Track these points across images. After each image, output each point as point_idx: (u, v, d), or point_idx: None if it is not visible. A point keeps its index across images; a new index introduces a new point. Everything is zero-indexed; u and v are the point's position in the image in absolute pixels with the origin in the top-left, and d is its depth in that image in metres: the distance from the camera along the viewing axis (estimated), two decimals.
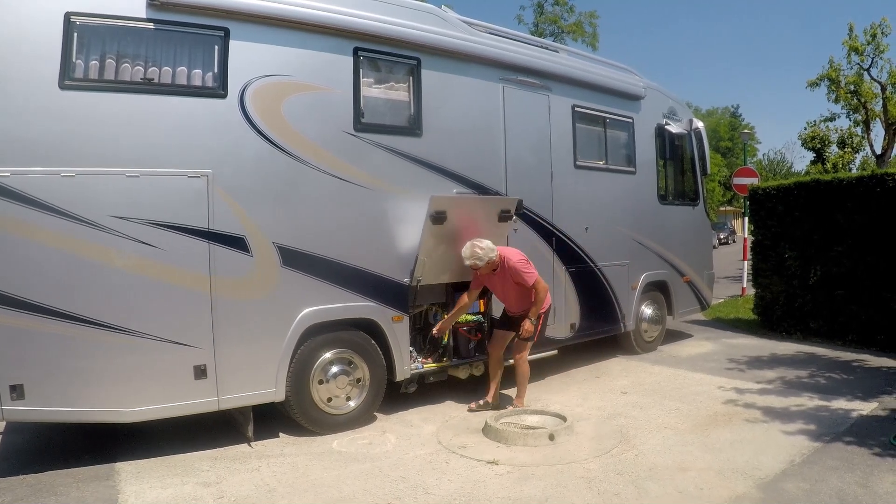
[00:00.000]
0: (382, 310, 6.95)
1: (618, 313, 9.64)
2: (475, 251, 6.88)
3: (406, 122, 7.23)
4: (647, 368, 9.33)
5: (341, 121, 6.66)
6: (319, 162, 6.49)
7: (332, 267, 6.57)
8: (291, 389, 6.37)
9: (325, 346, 6.62)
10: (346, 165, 6.67)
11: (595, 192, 9.21)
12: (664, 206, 10.51)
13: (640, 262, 10.01)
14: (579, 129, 8.97)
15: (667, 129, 10.47)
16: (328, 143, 6.56)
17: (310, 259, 6.42)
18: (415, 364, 7.33)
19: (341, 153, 6.64)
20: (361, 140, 6.78)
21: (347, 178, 6.68)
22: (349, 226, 6.70)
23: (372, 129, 6.87)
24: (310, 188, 6.44)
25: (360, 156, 6.77)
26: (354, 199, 6.74)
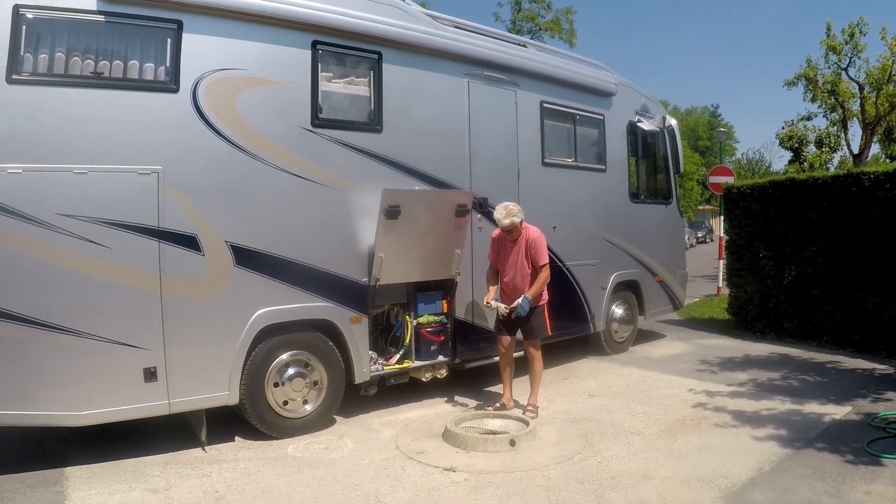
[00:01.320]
0: (340, 310, 6.75)
1: (587, 313, 9.47)
2: (510, 208, 6.85)
3: (366, 118, 7.03)
4: (617, 370, 9.16)
5: (298, 116, 6.48)
6: (275, 158, 6.30)
7: (288, 266, 6.38)
8: (246, 392, 6.19)
9: (280, 348, 6.43)
10: (303, 162, 6.49)
11: (564, 190, 9.03)
12: (636, 204, 10.35)
13: (610, 261, 9.84)
14: (548, 126, 8.78)
15: (639, 126, 10.30)
16: (284, 140, 6.38)
17: (264, 258, 6.23)
18: (375, 366, 7.12)
19: (298, 149, 6.46)
20: (319, 136, 6.60)
21: (304, 175, 6.50)
22: (306, 224, 6.53)
23: (330, 125, 6.70)
24: (265, 186, 6.26)
25: (318, 152, 6.60)
26: (311, 196, 6.56)
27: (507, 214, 6.82)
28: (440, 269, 7.42)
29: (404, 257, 7.03)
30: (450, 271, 7.47)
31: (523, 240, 6.99)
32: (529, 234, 7.00)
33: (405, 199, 6.82)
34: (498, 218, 6.87)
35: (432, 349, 7.57)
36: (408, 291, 7.40)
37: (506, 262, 7.10)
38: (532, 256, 6.97)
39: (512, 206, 6.90)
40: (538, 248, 6.96)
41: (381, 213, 6.68)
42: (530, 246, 6.96)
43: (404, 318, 7.37)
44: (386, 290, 7.10)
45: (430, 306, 7.51)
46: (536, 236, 7.00)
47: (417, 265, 7.19)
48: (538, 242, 6.98)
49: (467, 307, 7.83)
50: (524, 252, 6.98)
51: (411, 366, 7.40)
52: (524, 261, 6.99)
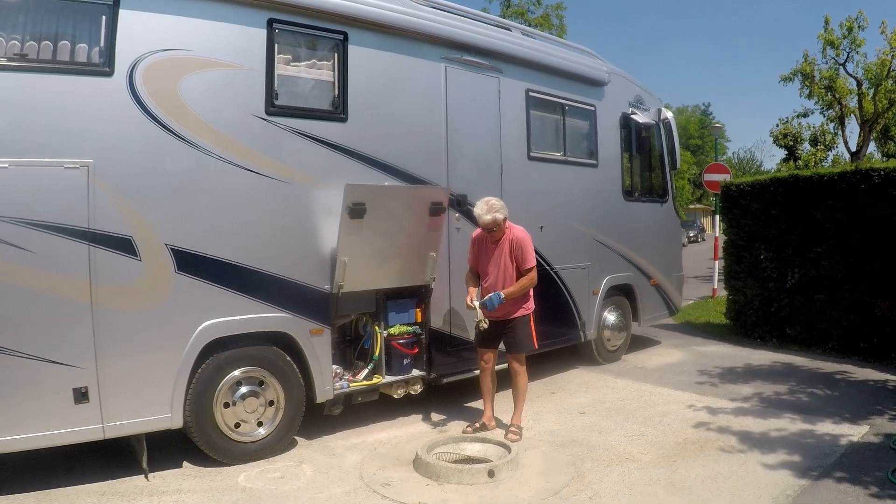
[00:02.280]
0: (298, 321, 6.03)
1: (577, 321, 8.75)
2: (492, 203, 6.19)
3: (329, 105, 6.31)
4: (610, 382, 8.43)
5: (251, 103, 5.76)
6: (223, 150, 5.59)
7: (238, 272, 5.67)
8: (191, 414, 5.51)
9: (231, 364, 5.73)
10: (256, 154, 5.77)
11: (551, 186, 8.31)
12: (629, 202, 9.63)
13: (602, 264, 9.13)
14: (534, 117, 8.06)
15: (633, 118, 9.59)
16: (234, 129, 5.66)
17: (211, 263, 5.53)
18: (340, 383, 6.42)
19: (250, 140, 5.75)
20: (274, 125, 5.88)
21: (257, 169, 5.77)
22: (259, 224, 5.81)
23: (288, 113, 5.98)
24: (211, 181, 5.56)
25: (273, 143, 5.89)
26: (265, 193, 5.84)
27: (488, 210, 6.12)
28: (413, 275, 6.71)
29: (371, 261, 6.32)
30: (424, 277, 6.75)
31: (507, 240, 6.29)
32: (514, 233, 6.30)
33: (371, 196, 6.11)
34: (478, 214, 6.17)
35: (405, 363, 6.85)
36: (377, 299, 6.67)
37: (487, 265, 6.39)
38: (517, 258, 6.27)
39: (494, 201, 6.21)
40: (524, 249, 6.26)
41: (344, 212, 5.96)
42: (515, 247, 6.26)
43: (373, 329, 6.65)
44: (351, 298, 6.39)
45: (402, 315, 6.78)
46: (522, 236, 6.30)
47: (386, 270, 6.50)
48: (524, 243, 6.28)
49: (444, 316, 7.11)
50: (508, 254, 6.28)
51: (381, 382, 6.67)
52: (508, 263, 6.29)
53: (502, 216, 6.19)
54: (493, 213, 6.12)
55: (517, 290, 6.24)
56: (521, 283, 6.27)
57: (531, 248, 6.33)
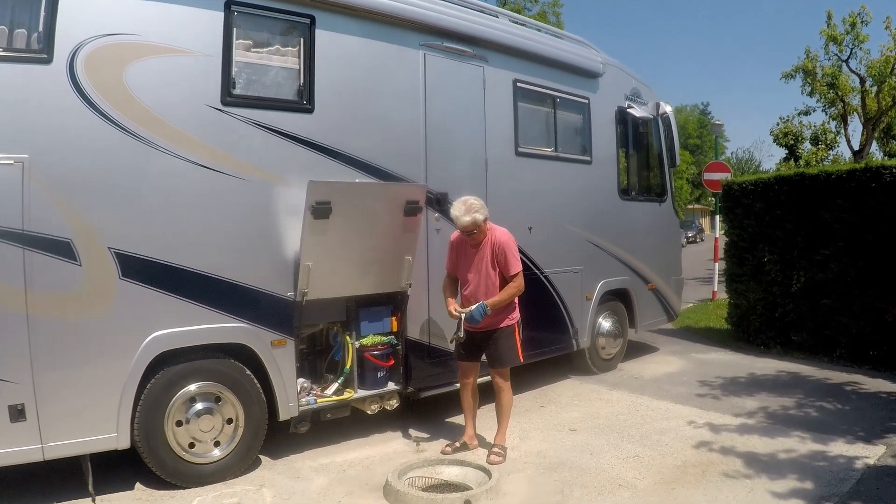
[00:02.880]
0: (258, 332, 5.48)
1: (569, 329, 8.17)
2: (470, 203, 5.62)
3: (294, 95, 5.76)
4: (604, 394, 7.85)
5: (206, 92, 5.23)
6: (174, 145, 5.06)
7: (191, 279, 5.14)
8: (141, 433, 5.00)
9: (184, 379, 5.20)
10: (210, 149, 5.23)
11: (541, 184, 7.75)
12: (626, 202, 9.07)
13: (596, 267, 8.56)
14: (522, 109, 7.49)
15: (629, 112, 9.01)
16: (186, 121, 5.13)
17: (160, 269, 5.00)
18: (306, 398, 5.86)
19: (204, 133, 5.21)
20: (232, 117, 5.33)
21: (211, 164, 5.23)
22: (213, 226, 5.28)
23: (247, 103, 5.43)
24: (161, 179, 5.03)
25: (230, 137, 5.34)
26: (221, 191, 5.29)
27: (466, 210, 5.55)
28: (387, 281, 6.15)
29: (339, 266, 5.77)
30: (399, 282, 6.19)
31: (488, 244, 5.72)
32: (496, 236, 5.73)
33: (337, 194, 5.55)
34: (456, 215, 5.59)
35: (379, 376, 6.28)
36: (347, 307, 6.13)
37: (467, 272, 5.82)
38: (500, 264, 5.71)
39: (473, 200, 5.63)
40: (507, 254, 5.69)
41: (308, 211, 5.41)
42: (497, 251, 5.70)
43: (344, 340, 6.11)
44: (317, 306, 5.84)
45: (375, 325, 6.22)
46: (505, 239, 5.73)
47: (356, 276, 5.95)
48: (507, 246, 5.71)
49: (423, 325, 6.54)
50: (489, 259, 5.71)
51: (353, 397, 6.11)
52: (490, 269, 5.72)
53: (482, 217, 5.61)
54: (472, 213, 5.55)
55: (502, 299, 5.68)
56: (506, 291, 5.70)
57: (516, 251, 5.76)
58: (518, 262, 5.72)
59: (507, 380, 5.88)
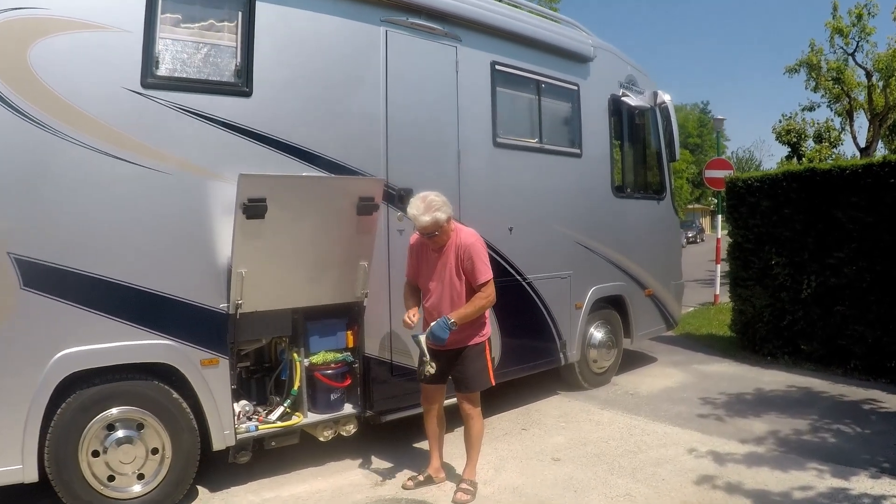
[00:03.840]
0: (184, 350, 4.73)
1: (555, 341, 7.34)
2: (430, 200, 4.76)
3: (228, 77, 4.95)
4: (594, 415, 7.01)
5: (123, 73, 4.49)
6: (84, 133, 4.34)
7: (105, 289, 4.43)
8: (52, 464, 4.35)
9: (99, 404, 4.51)
10: (128, 138, 4.49)
11: (524, 179, 6.92)
12: (620, 199, 8.21)
13: (587, 272, 7.72)
14: (502, 95, 6.65)
15: (624, 101, 8.17)
16: (99, 106, 4.40)
17: (69, 277, 4.31)
18: (246, 424, 5.10)
19: (119, 120, 4.46)
20: (153, 101, 4.59)
21: (128, 156, 4.49)
22: (131, 228, 4.55)
23: (171, 86, 4.68)
24: (70, 173, 4.32)
25: (152, 124, 4.60)
26: (141, 188, 4.56)
27: (426, 209, 4.70)
28: (339, 290, 5.35)
29: (278, 273, 4.98)
30: (353, 292, 5.38)
31: (452, 247, 4.89)
32: (461, 238, 4.89)
33: (274, 189, 4.74)
34: (413, 214, 4.75)
35: (333, 398, 5.47)
36: (294, 320, 5.33)
37: (429, 280, 5.00)
38: (466, 271, 4.87)
39: (434, 197, 4.78)
40: (475, 259, 4.83)
41: (239, 210, 4.63)
42: (463, 256, 4.85)
43: (291, 357, 5.30)
44: (256, 319, 5.05)
45: (327, 340, 5.43)
46: (471, 241, 4.88)
47: (301, 284, 5.15)
48: (474, 250, 4.85)
49: (384, 340, 5.72)
50: (454, 265, 4.87)
51: (301, 422, 5.32)
52: (455, 277, 4.89)
53: (445, 216, 4.76)
54: (433, 212, 4.70)
55: (469, 313, 4.82)
56: (473, 303, 4.84)
57: (484, 256, 4.91)
58: (487, 269, 4.88)
59: (476, 406, 5.05)
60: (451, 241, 4.86)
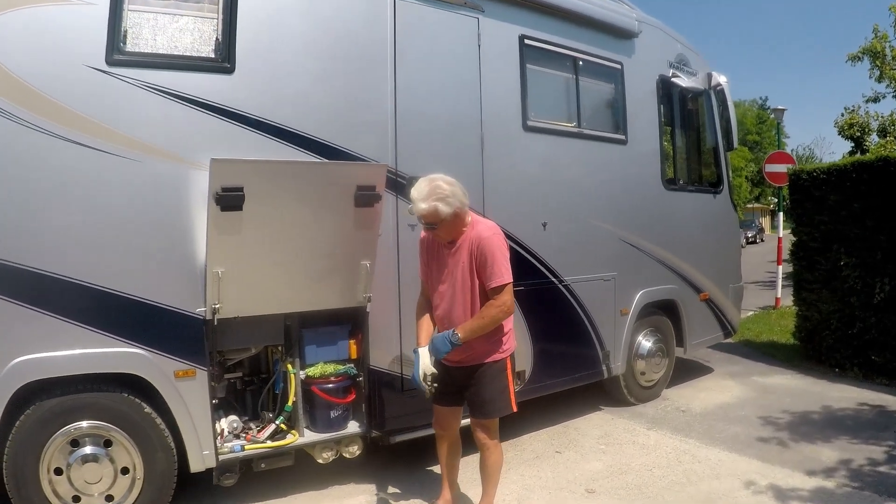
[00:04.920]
0: (155, 359, 4.19)
1: (597, 352, 6.54)
2: (436, 185, 3.93)
3: (208, 52, 4.37)
4: (640, 436, 6.21)
5: (86, 50, 3.99)
6: (41, 117, 3.87)
7: (65, 290, 3.96)
8: (10, 480, 3.95)
9: (60, 417, 4.05)
10: (89, 121, 3.98)
11: (559, 168, 6.13)
12: (671, 192, 7.35)
13: (634, 273, 6.89)
14: (533, 74, 5.88)
15: (675, 83, 7.31)
16: (59, 86, 3.92)
17: (23, 277, 3.86)
18: (231, 444, 4.52)
19: (81, 101, 3.97)
20: (119, 79, 4.05)
21: (90, 141, 3.99)
22: (94, 221, 4.04)
23: (141, 63, 4.15)
24: (25, 161, 3.87)
25: (117, 105, 4.07)
26: (108, 177, 4.05)
27: (428, 194, 3.90)
28: (336, 294, 4.69)
29: (262, 274, 4.35)
30: (355, 295, 4.69)
31: (466, 242, 4.08)
32: (478, 232, 4.06)
33: (253, 176, 4.09)
34: (413, 197, 3.96)
35: (334, 415, 4.82)
36: (287, 327, 4.71)
37: (439, 282, 4.23)
38: (479, 271, 4.05)
39: (442, 182, 3.96)
40: (487, 257, 3.97)
41: (212, 201, 4.01)
42: (476, 253, 4.01)
43: (285, 369, 4.67)
44: (241, 325, 4.47)
45: (327, 350, 4.79)
46: (488, 236, 4.01)
47: (290, 286, 4.51)
48: (489, 246, 3.98)
49: (392, 350, 5.03)
50: (467, 264, 4.07)
51: (295, 442, 4.68)
52: (467, 279, 4.08)
53: (449, 209, 3.91)
54: (434, 200, 3.88)
55: (478, 326, 3.99)
56: (484, 314, 3.99)
57: (502, 255, 4.03)
58: (505, 270, 4.00)
59: (493, 436, 4.23)
60: (465, 236, 4.08)
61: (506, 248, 4.09)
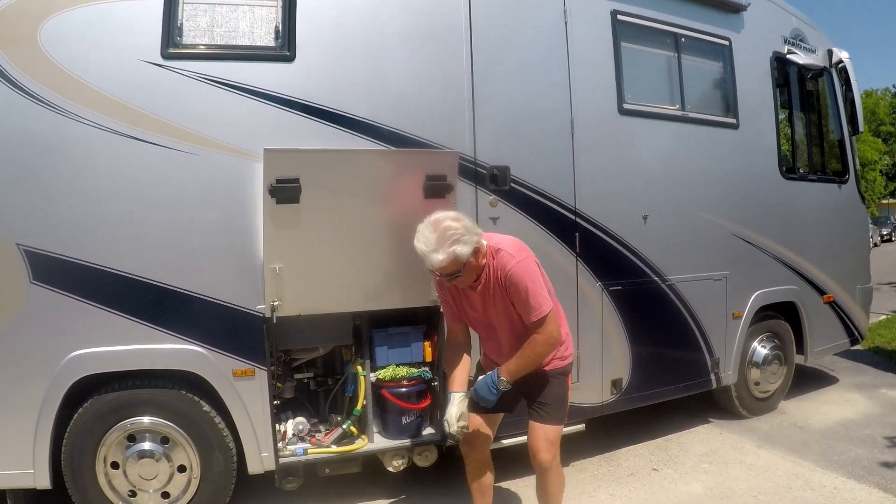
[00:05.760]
0: (213, 357, 4.08)
1: (705, 358, 5.92)
2: (447, 228, 3.33)
3: (266, 40, 4.19)
4: (749, 454, 5.54)
5: (141, 44, 3.95)
6: (98, 112, 3.85)
7: (123, 285, 3.93)
8: (68, 472, 4.01)
9: (117, 412, 4.05)
10: (149, 116, 3.92)
11: (661, 154, 5.57)
12: (790, 182, 6.59)
13: (747, 273, 6.19)
14: (628, 52, 5.33)
15: (790, 60, 6.57)
16: (114, 82, 3.89)
17: (81, 272, 3.87)
18: (294, 447, 4.34)
19: (137, 96, 3.92)
20: (175, 72, 3.98)
21: (150, 136, 3.93)
22: (155, 217, 3.98)
23: (197, 55, 4.07)
24: (81, 158, 3.87)
25: (175, 99, 3.99)
26: (164, 171, 3.97)
27: (439, 242, 3.32)
28: (406, 292, 4.34)
29: (323, 270, 4.10)
30: (428, 294, 4.33)
31: (492, 276, 3.52)
32: (501, 262, 3.48)
33: (309, 166, 3.86)
34: (422, 251, 3.39)
35: (406, 421, 4.51)
36: (355, 327, 4.46)
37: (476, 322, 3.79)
38: (516, 305, 3.51)
39: (450, 222, 3.37)
40: (519, 289, 3.43)
41: (267, 193, 3.81)
42: (506, 286, 3.47)
43: (354, 371, 4.42)
44: (305, 324, 4.28)
45: (398, 351, 4.49)
46: (513, 267, 3.43)
47: (355, 284, 4.22)
48: (519, 279, 3.42)
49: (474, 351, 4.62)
50: (500, 296, 3.54)
51: (363, 448, 4.42)
52: (510, 308, 3.56)
53: (469, 248, 3.35)
54: (450, 245, 3.30)
55: (523, 366, 3.51)
56: (526, 352, 3.49)
57: (534, 282, 3.46)
58: (542, 300, 3.45)
59: (556, 454, 3.66)
60: (488, 268, 3.52)
61: (536, 271, 3.53)
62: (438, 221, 3.35)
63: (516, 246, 3.56)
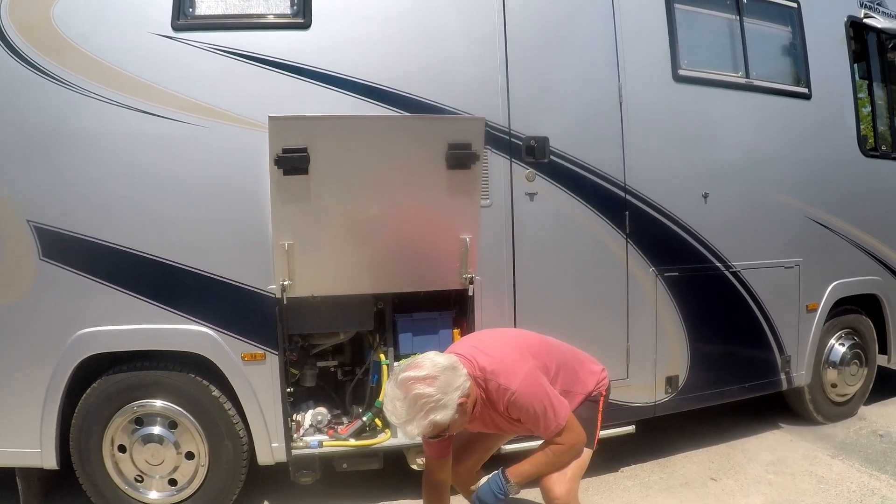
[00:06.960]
0: (221, 339, 3.93)
1: (774, 356, 5.35)
2: (418, 396, 2.76)
3: (281, 7, 4.03)
4: (820, 465, 4.94)
5: (151, 17, 3.88)
6: (108, 87, 3.81)
7: (131, 263, 3.87)
8: (75, 453, 3.98)
9: (124, 393, 3.97)
10: (159, 89, 3.84)
11: (723, 126, 5.03)
12: (871, 160, 5.93)
13: (824, 260, 5.60)
14: (683, 14, 4.83)
15: (869, 25, 5.93)
16: (125, 56, 3.84)
17: (90, 249, 3.83)
18: (309, 438, 4.09)
19: (147, 69, 3.85)
20: (186, 44, 3.88)
21: (160, 110, 3.83)
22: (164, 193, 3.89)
23: (208, 25, 3.94)
24: (91, 133, 3.82)
25: (186, 71, 3.89)
26: (174, 146, 3.87)
27: (411, 410, 2.77)
28: (430, 274, 4.00)
29: (337, 247, 3.82)
30: (456, 276, 3.95)
31: (488, 405, 3.05)
32: (499, 391, 2.98)
33: (318, 135, 3.55)
34: (398, 425, 2.88)
35: None
36: (378, 311, 4.15)
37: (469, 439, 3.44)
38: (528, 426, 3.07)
39: (415, 382, 2.78)
40: (532, 418, 2.99)
41: (273, 164, 3.52)
42: (511, 410, 3.01)
43: (377, 359, 4.12)
44: (322, 307, 4.02)
45: (425, 339, 4.11)
46: (512, 394, 2.95)
47: (373, 264, 3.91)
48: (522, 405, 2.96)
49: None
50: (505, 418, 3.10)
51: (384, 443, 4.10)
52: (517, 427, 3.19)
53: (452, 410, 2.79)
54: (425, 414, 2.76)
55: (535, 473, 3.07)
56: (550, 460, 3.05)
57: (541, 402, 2.98)
58: (554, 415, 2.99)
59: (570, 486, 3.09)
60: (480, 399, 3.01)
61: (541, 388, 3.01)
62: (407, 385, 2.77)
63: (510, 358, 3.05)
